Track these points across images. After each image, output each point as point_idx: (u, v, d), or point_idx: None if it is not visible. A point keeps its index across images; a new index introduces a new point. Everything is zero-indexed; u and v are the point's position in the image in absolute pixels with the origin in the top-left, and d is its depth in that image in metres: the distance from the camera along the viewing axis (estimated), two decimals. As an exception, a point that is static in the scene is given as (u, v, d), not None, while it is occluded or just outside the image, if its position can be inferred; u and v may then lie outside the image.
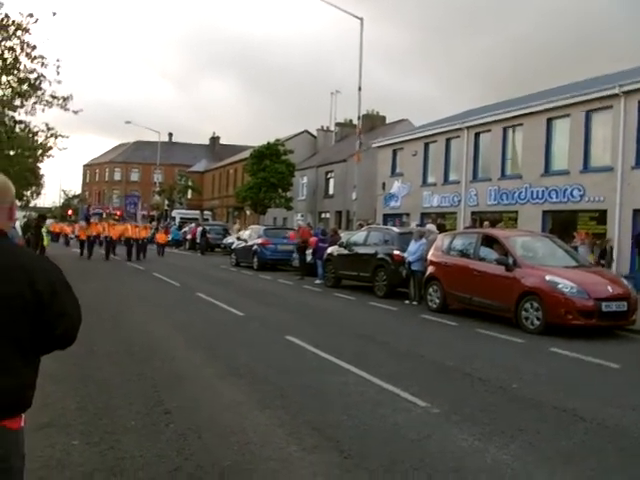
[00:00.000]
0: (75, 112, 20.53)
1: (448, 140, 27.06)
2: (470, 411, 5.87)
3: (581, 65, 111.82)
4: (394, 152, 31.05)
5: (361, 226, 23.85)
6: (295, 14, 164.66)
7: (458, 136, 26.30)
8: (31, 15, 18.41)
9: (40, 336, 2.26)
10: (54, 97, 19.91)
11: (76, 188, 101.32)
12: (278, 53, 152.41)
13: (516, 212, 22.92)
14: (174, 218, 53.21)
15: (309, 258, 21.13)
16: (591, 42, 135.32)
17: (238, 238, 28.14)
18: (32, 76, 19.36)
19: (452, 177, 26.83)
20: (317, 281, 19.46)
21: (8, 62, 18.95)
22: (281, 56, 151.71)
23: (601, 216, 19.68)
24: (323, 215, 43.26)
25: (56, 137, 22.07)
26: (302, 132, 53.00)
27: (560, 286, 10.75)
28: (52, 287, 2.26)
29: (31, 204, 55.92)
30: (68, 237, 46.16)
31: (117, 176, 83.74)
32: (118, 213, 39.65)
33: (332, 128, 51.49)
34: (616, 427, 5.52)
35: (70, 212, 78.35)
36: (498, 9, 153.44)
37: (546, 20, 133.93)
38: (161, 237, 34.74)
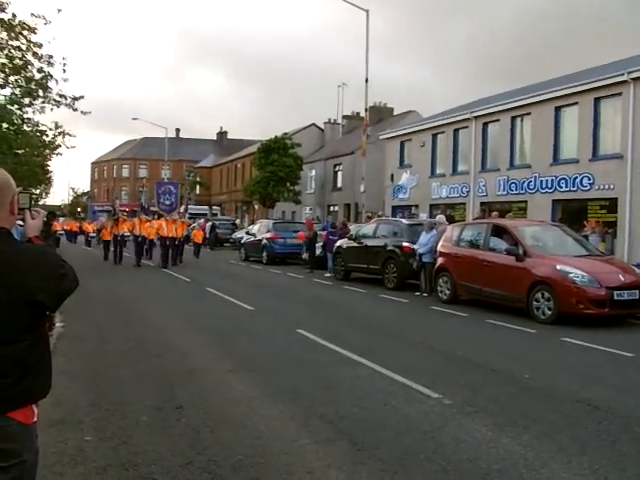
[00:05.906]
0: (84, 113, 20.60)
1: (456, 131, 26.91)
2: (483, 402, 5.85)
3: (582, 48, 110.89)
4: (402, 144, 30.92)
5: (370, 218, 23.81)
6: (301, 6, 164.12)
7: (466, 126, 26.15)
8: (44, 17, 18.52)
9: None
10: (62, 96, 19.96)
11: (84, 186, 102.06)
12: (284, 46, 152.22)
13: (525, 202, 22.77)
14: (182, 213, 53.26)
15: (319, 251, 21.14)
16: (592, 24, 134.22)
17: (247, 232, 28.24)
18: (39, 75, 19.43)
19: (461, 168, 26.69)
20: (327, 274, 19.45)
21: (16, 62, 19.00)
22: (288, 49, 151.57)
23: (611, 204, 19.52)
24: (332, 208, 43.22)
25: (64, 135, 22.09)
26: (309, 125, 52.92)
27: (571, 275, 10.69)
28: (52, 293, 2.28)
29: (40, 202, 55.96)
30: (89, 236, 40.99)
31: (125, 173, 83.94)
32: (127, 209, 39.04)
33: (339, 121, 51.39)
34: (631, 416, 5.47)
35: (79, 209, 78.78)
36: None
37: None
38: (198, 235, 29.72)
